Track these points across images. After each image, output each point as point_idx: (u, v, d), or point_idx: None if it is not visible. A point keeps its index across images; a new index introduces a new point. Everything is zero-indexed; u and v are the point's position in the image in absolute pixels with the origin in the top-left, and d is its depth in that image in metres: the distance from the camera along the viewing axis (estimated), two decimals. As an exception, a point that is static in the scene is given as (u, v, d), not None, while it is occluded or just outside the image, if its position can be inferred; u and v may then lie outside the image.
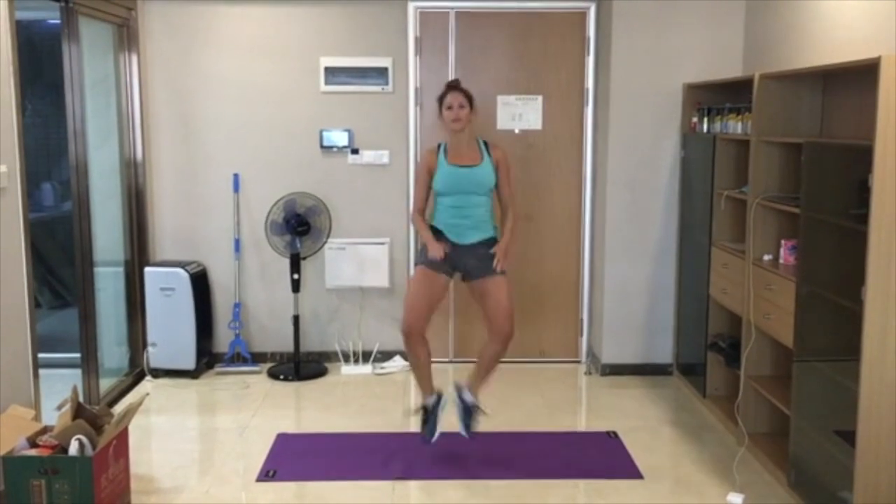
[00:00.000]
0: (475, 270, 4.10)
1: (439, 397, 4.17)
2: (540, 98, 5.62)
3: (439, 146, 4.21)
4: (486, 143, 4.21)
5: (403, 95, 5.58)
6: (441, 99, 4.17)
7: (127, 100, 5.37)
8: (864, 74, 3.37)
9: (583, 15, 5.56)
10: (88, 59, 4.88)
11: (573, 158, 5.68)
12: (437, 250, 4.02)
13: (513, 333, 4.15)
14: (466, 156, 4.14)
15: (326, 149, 5.58)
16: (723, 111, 4.69)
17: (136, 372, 5.47)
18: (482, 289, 4.10)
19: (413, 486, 3.95)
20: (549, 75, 5.61)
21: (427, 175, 4.17)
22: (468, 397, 4.14)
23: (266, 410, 4.90)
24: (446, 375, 4.46)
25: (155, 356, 5.43)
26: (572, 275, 5.79)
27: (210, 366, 5.63)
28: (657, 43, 5.24)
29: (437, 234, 4.14)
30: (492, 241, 4.14)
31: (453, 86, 4.20)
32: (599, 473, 4.05)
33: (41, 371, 4.07)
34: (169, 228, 5.64)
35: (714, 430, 4.61)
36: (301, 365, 5.54)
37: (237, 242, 5.64)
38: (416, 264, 4.23)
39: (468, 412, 4.13)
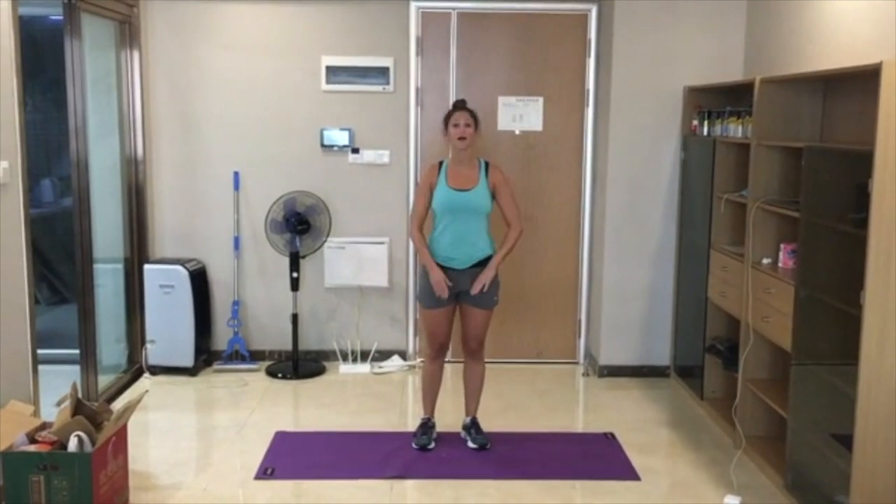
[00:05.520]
0: (469, 297, 4.23)
1: (433, 425, 4.42)
2: (541, 99, 5.62)
3: (441, 164, 4.29)
4: (486, 164, 4.27)
5: (404, 95, 5.58)
6: (447, 118, 4.25)
7: (128, 97, 5.37)
8: (865, 80, 3.38)
9: (584, 17, 5.57)
10: (90, 55, 4.88)
11: (573, 160, 5.69)
12: (442, 290, 4.16)
13: (482, 356, 4.37)
14: (465, 177, 4.21)
15: (327, 148, 5.59)
16: (723, 114, 4.70)
17: (135, 369, 5.46)
18: (468, 312, 4.28)
19: (410, 486, 3.96)
20: (550, 77, 5.61)
21: (428, 190, 4.27)
22: (467, 420, 4.42)
23: (264, 408, 4.90)
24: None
25: (153, 353, 5.44)
26: (571, 276, 5.79)
27: (208, 363, 5.63)
28: (658, 45, 5.24)
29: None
30: (490, 259, 4.23)
31: (460, 105, 4.30)
32: (596, 474, 4.06)
33: (40, 367, 4.07)
34: (169, 226, 5.64)
35: (711, 432, 4.62)
36: (299, 363, 5.54)
37: (237, 240, 5.64)
38: (420, 304, 4.32)
39: (470, 429, 4.38)
